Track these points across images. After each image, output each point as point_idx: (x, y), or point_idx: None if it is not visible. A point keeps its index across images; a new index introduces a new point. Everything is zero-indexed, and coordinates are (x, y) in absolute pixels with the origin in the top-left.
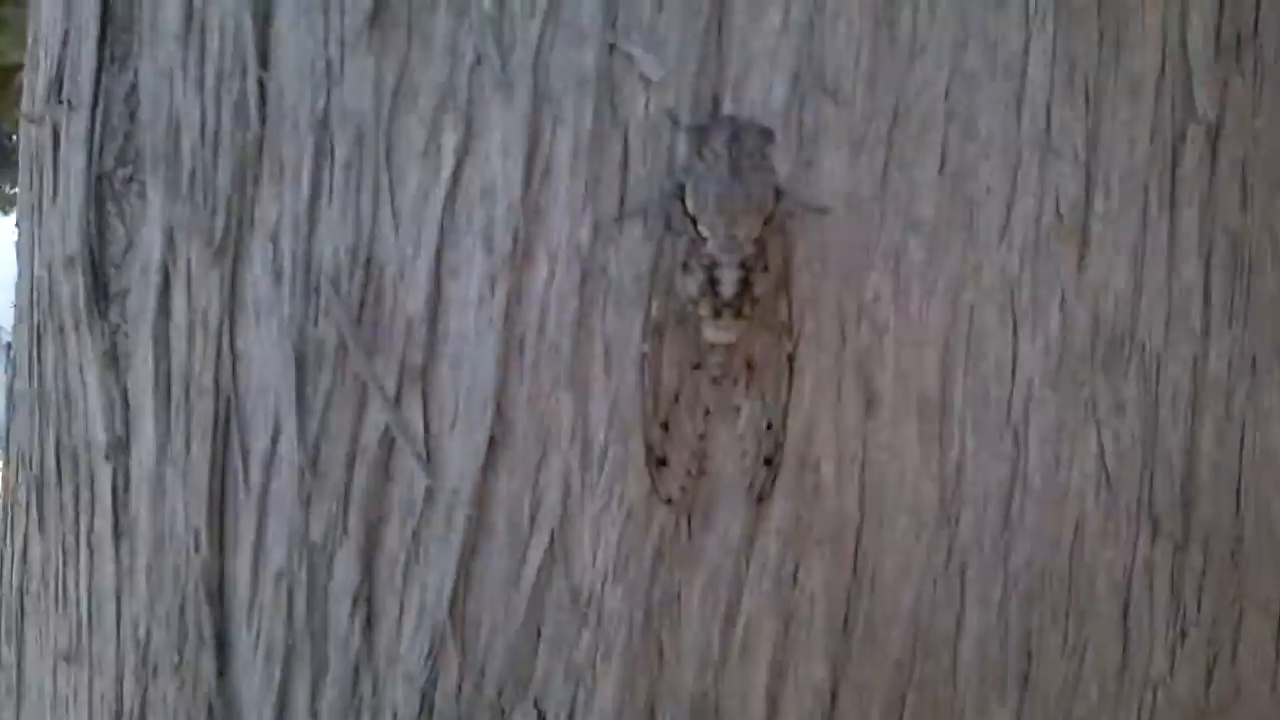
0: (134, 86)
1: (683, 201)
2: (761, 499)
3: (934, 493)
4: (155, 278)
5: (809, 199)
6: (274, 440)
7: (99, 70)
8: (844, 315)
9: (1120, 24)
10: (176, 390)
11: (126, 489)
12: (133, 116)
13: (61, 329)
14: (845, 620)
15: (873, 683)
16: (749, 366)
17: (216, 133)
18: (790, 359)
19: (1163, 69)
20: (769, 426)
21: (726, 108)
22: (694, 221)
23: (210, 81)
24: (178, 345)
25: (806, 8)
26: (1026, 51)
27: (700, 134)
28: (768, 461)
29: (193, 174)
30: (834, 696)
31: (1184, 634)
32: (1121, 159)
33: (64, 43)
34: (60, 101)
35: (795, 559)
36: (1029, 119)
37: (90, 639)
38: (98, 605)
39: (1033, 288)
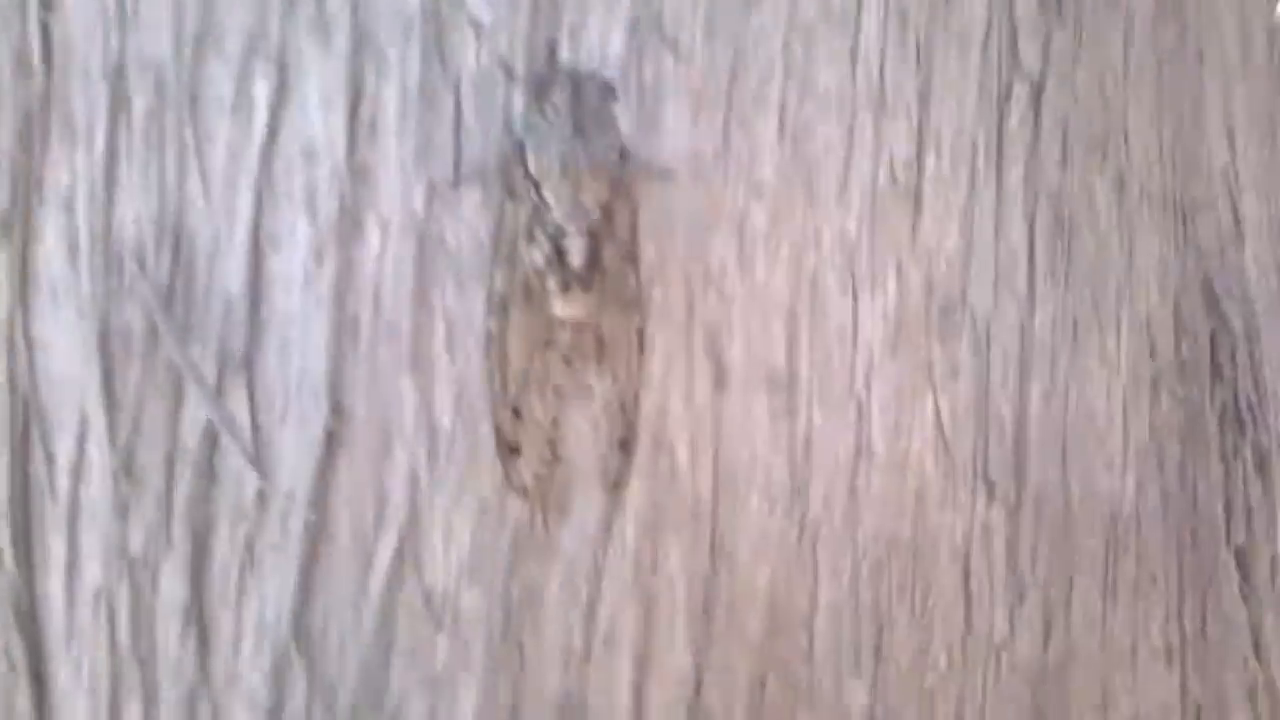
0: None
1: (524, 164)
2: (617, 485)
3: (784, 467)
4: None
5: (653, 160)
6: (81, 442)
7: None
8: (691, 285)
9: None
10: None
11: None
12: None
13: None
14: (705, 606)
15: (734, 666)
16: (600, 343)
17: None
18: (640, 334)
19: (989, 24)
20: (622, 407)
21: (563, 57)
22: (536, 186)
23: None
24: None
25: None
26: (860, 4)
27: (540, 88)
28: (623, 445)
29: None
30: (698, 684)
31: (1021, 597)
32: (951, 116)
33: None
34: None
35: (653, 545)
36: (863, 74)
37: None
38: None
39: (870, 252)
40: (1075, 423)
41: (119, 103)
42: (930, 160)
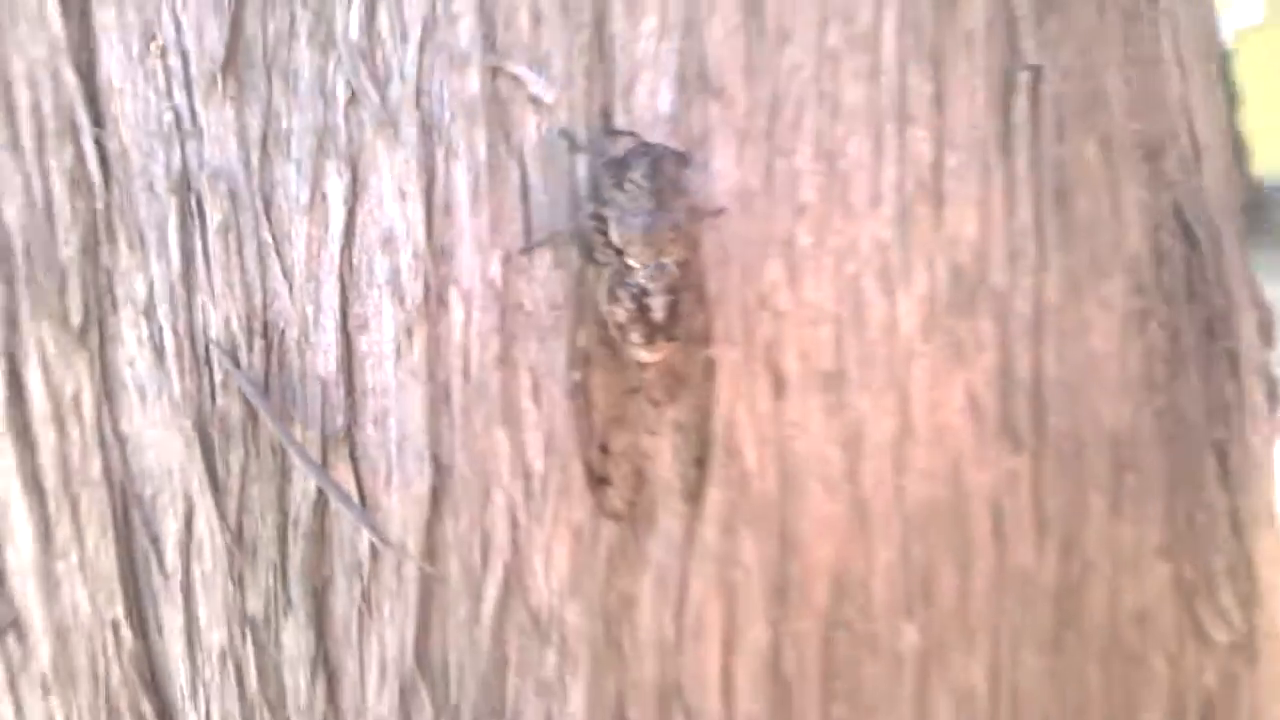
0: None
1: (605, 235)
2: (695, 497)
3: (838, 455)
4: (1, 364)
5: (707, 201)
6: (188, 523)
7: None
8: (747, 308)
9: None
10: (50, 481)
11: (1, 584)
12: None
13: None
14: (778, 586)
15: (806, 633)
16: (676, 378)
17: (48, 203)
18: (710, 362)
19: (990, 19)
20: (696, 429)
21: (620, 120)
22: (620, 253)
23: (28, 142)
24: (42, 434)
25: (681, 7)
26: (878, 22)
27: (618, 167)
28: (699, 461)
29: (27, 250)
30: (776, 654)
31: (1045, 530)
32: (963, 114)
33: None
34: None
35: (731, 541)
36: (886, 88)
37: None
38: None
39: (903, 251)
40: (1083, 368)
41: (188, 212)
42: (949, 158)
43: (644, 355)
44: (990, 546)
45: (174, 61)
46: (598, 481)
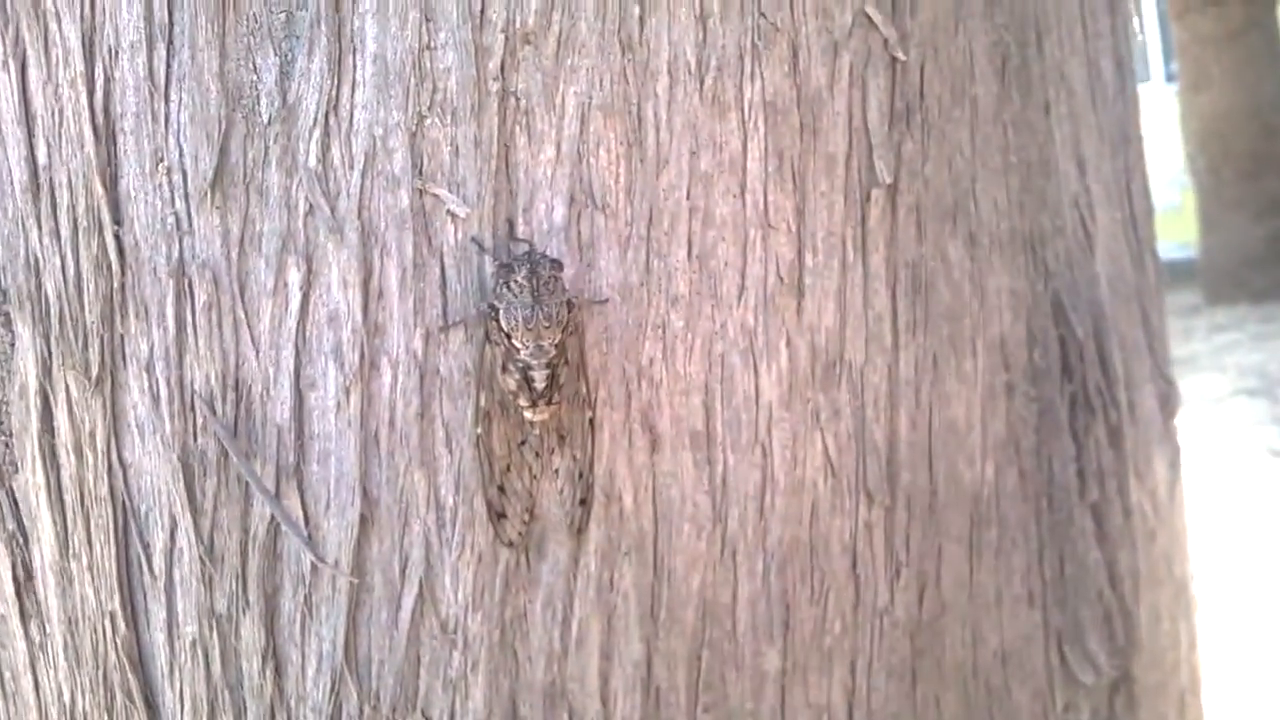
0: None
1: (497, 321)
2: (580, 531)
3: (707, 502)
4: (35, 400)
5: (592, 294)
6: (171, 535)
7: None
8: (628, 379)
9: (815, 114)
10: (70, 497)
11: (30, 577)
12: None
13: None
14: (652, 609)
15: (675, 650)
16: (560, 435)
17: (79, 279)
18: (591, 422)
19: (850, 145)
20: (580, 475)
21: (520, 229)
22: (508, 337)
23: (65, 233)
24: (66, 459)
25: (573, 141)
26: (745, 150)
27: (505, 270)
28: (582, 502)
29: (60, 314)
30: (649, 665)
31: (898, 572)
32: (823, 223)
33: None
34: None
35: (610, 569)
36: (750, 203)
37: (7, 705)
38: (12, 677)
39: (766, 334)
40: (939, 434)
41: (182, 292)
42: (809, 258)
43: (530, 416)
44: (847, 584)
45: (176, 178)
46: (497, 515)
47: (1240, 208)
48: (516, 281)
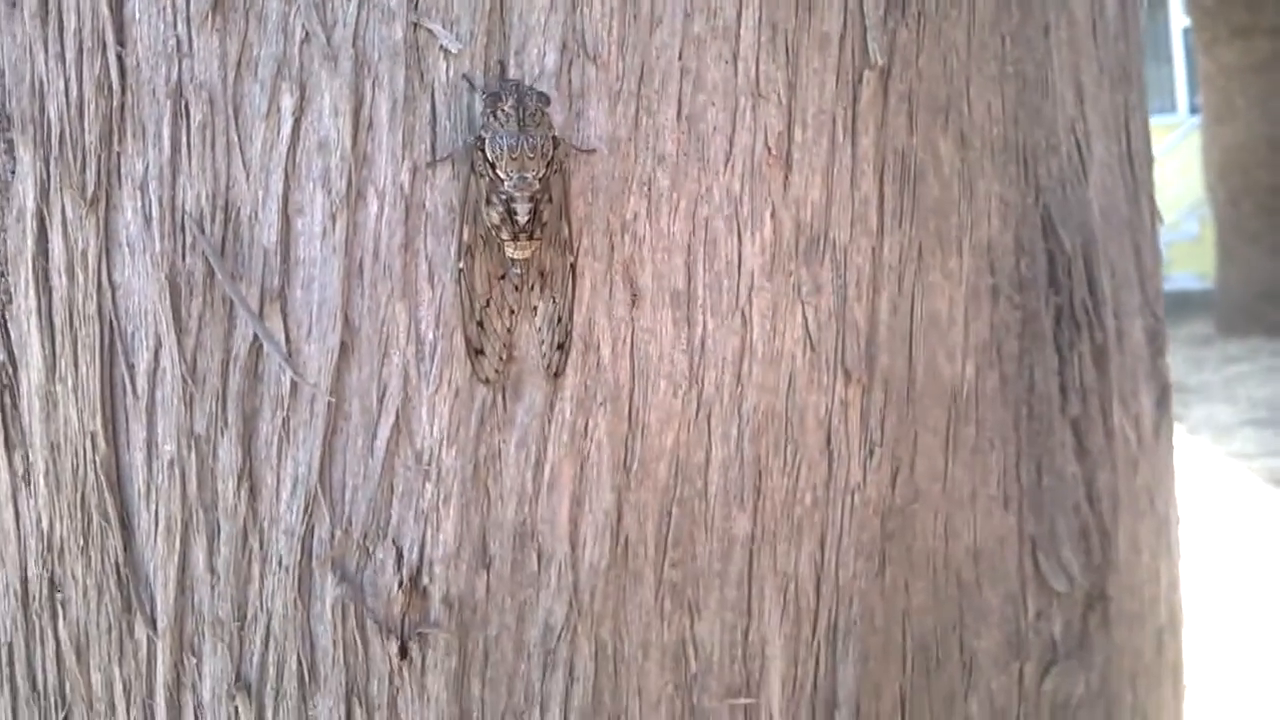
0: None
1: (483, 151)
2: (557, 375)
3: (685, 361)
4: (31, 224)
5: (580, 143)
6: (156, 355)
7: None
8: (611, 231)
9: None
10: (59, 319)
11: (15, 405)
12: None
13: None
14: (624, 460)
15: (646, 503)
16: (542, 275)
17: (80, 101)
18: (573, 267)
19: (845, 26)
20: (559, 320)
21: (511, 71)
22: (492, 167)
23: (70, 56)
24: (58, 281)
25: None
26: (739, 18)
27: (493, 99)
28: (559, 347)
29: (61, 135)
30: (619, 515)
31: (871, 452)
32: (814, 99)
33: None
34: None
35: (585, 417)
36: (743, 72)
37: None
38: None
39: (750, 202)
40: (919, 323)
41: (179, 113)
42: (798, 132)
43: (511, 251)
44: (820, 458)
45: (180, 1)
46: (475, 352)
47: (1258, 241)
48: (503, 110)
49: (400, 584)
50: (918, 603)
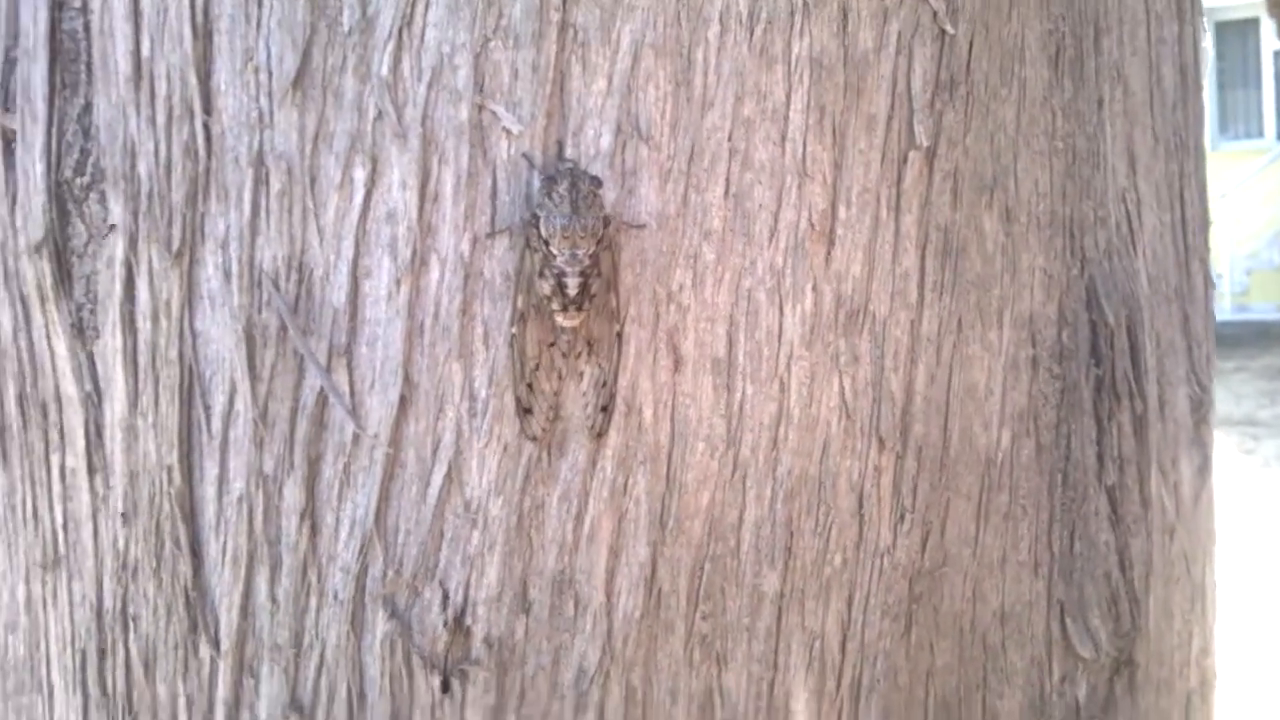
0: (87, 108)
1: (537, 229)
2: (600, 435)
3: (723, 425)
4: (120, 271)
5: (630, 218)
6: (230, 399)
7: (51, 93)
8: (657, 301)
9: (860, 76)
10: (143, 359)
11: (99, 434)
12: (86, 134)
13: (23, 302)
14: (661, 517)
15: (680, 558)
16: (589, 343)
17: (169, 163)
18: (619, 335)
19: (892, 108)
20: (604, 384)
21: (569, 151)
22: (546, 243)
23: (161, 120)
24: (143, 325)
25: (624, 76)
26: (788, 101)
27: (549, 181)
28: (603, 409)
29: (150, 193)
30: (653, 568)
31: (902, 517)
32: (859, 178)
33: (5, 60)
34: (7, 110)
35: (625, 475)
36: (790, 152)
37: (68, 551)
38: (74, 525)
39: (793, 276)
40: (956, 394)
41: (259, 180)
42: (842, 210)
43: (561, 320)
44: (851, 521)
45: (262, 76)
46: (524, 411)
47: None
48: (558, 192)
49: (445, 623)
50: (942, 663)
